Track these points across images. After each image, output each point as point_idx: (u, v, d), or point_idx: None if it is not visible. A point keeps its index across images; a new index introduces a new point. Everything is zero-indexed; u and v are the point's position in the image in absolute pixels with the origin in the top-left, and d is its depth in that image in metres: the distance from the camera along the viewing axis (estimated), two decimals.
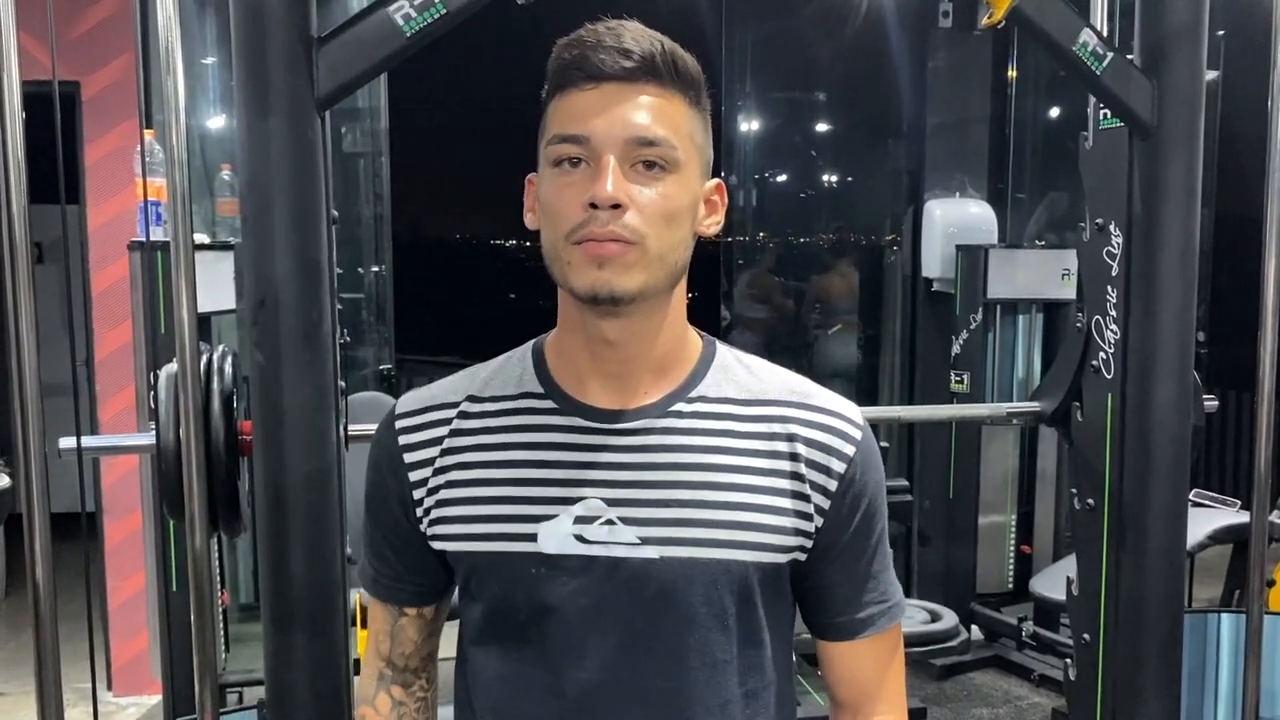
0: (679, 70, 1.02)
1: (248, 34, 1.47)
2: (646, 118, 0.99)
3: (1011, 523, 4.27)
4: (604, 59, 0.99)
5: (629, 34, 1.01)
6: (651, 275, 1.00)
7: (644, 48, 1.00)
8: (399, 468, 1.10)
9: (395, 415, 1.12)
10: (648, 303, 1.03)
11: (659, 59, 1.00)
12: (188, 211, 1.61)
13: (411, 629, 1.16)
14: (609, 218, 0.97)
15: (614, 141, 0.98)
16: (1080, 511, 2.19)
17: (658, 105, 1.00)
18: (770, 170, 5.09)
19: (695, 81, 1.04)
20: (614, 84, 0.99)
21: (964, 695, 3.75)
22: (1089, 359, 2.17)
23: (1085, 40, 1.82)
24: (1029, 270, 4.06)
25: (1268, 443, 2.17)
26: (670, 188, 1.00)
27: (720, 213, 1.08)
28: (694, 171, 1.03)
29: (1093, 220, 2.16)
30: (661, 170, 1.00)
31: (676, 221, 1.01)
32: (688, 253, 1.05)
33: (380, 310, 4.45)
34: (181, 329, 1.60)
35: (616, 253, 0.98)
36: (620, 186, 0.98)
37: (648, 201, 0.99)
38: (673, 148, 1.00)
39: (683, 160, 1.01)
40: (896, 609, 1.14)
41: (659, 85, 1.01)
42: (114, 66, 3.81)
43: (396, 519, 1.11)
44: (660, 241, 1.00)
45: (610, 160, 0.98)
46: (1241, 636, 2.36)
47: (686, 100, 1.03)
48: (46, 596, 1.59)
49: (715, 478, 1.04)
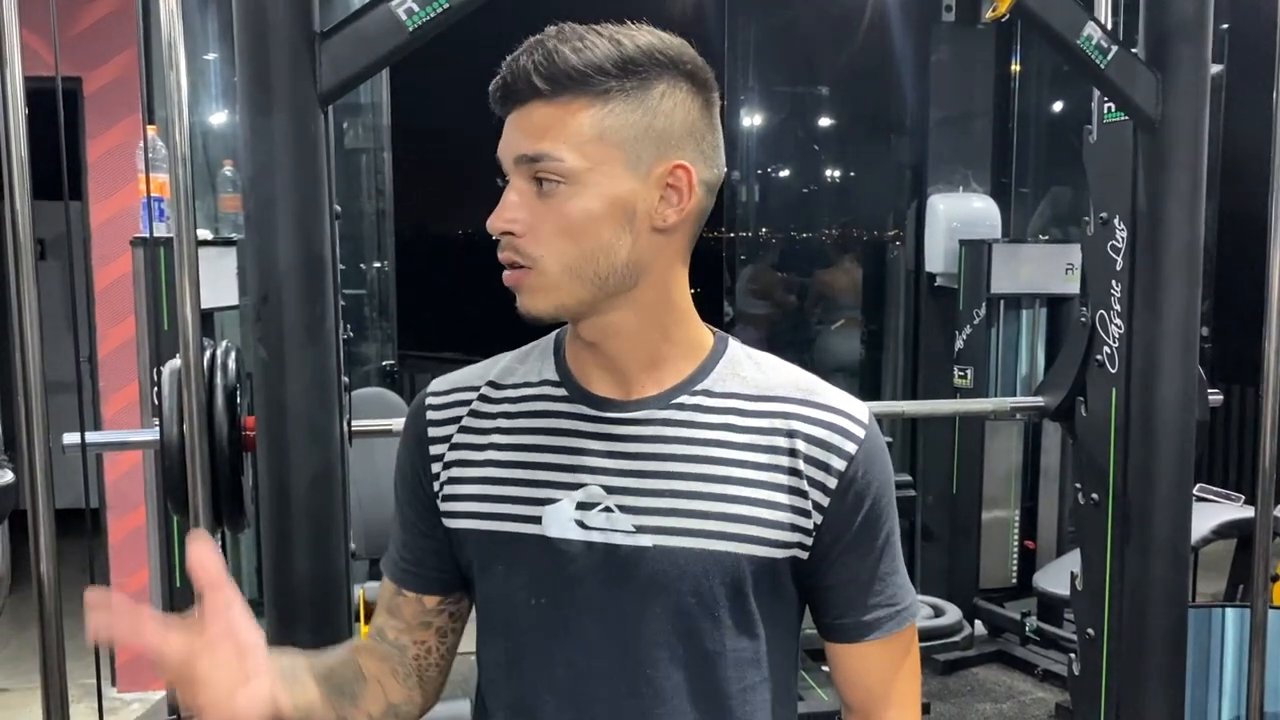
0: (568, 73, 0.97)
1: (250, 29, 1.47)
2: (529, 134, 0.98)
3: (1015, 518, 4.26)
4: (501, 91, 1.01)
5: (521, 58, 0.99)
6: (561, 294, 1.00)
7: (520, 66, 0.98)
8: (423, 444, 1.12)
9: (427, 394, 1.15)
10: (601, 308, 1.02)
11: (536, 76, 0.97)
12: (190, 207, 1.61)
13: (406, 610, 1.16)
14: (506, 243, 1.00)
15: (510, 166, 1.01)
16: (1084, 507, 2.19)
17: (547, 117, 0.98)
18: (773, 165, 5.08)
19: (599, 69, 0.97)
20: (515, 111, 1.00)
21: (967, 690, 3.75)
22: (1093, 354, 2.17)
23: (1089, 34, 1.82)
24: (1032, 265, 4.05)
25: (1272, 437, 2.17)
26: (567, 201, 0.98)
27: (685, 197, 1.01)
28: (611, 171, 0.99)
29: (1097, 214, 2.16)
30: (554, 184, 0.98)
31: (584, 232, 0.99)
32: (631, 253, 1.00)
33: (383, 306, 4.45)
34: (184, 325, 1.60)
35: (517, 279, 1.01)
36: (509, 211, 0.99)
37: (539, 222, 0.99)
38: (558, 159, 0.97)
39: (579, 167, 0.97)
40: (906, 613, 1.11)
41: (545, 99, 0.98)
42: (116, 62, 3.81)
43: (416, 494, 1.13)
44: (561, 258, 0.99)
45: (510, 189, 1.00)
46: (1246, 631, 2.35)
47: (592, 97, 0.98)
48: (51, 593, 1.60)
49: (712, 470, 1.04)
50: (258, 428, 1.54)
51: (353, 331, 3.97)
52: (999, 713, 3.59)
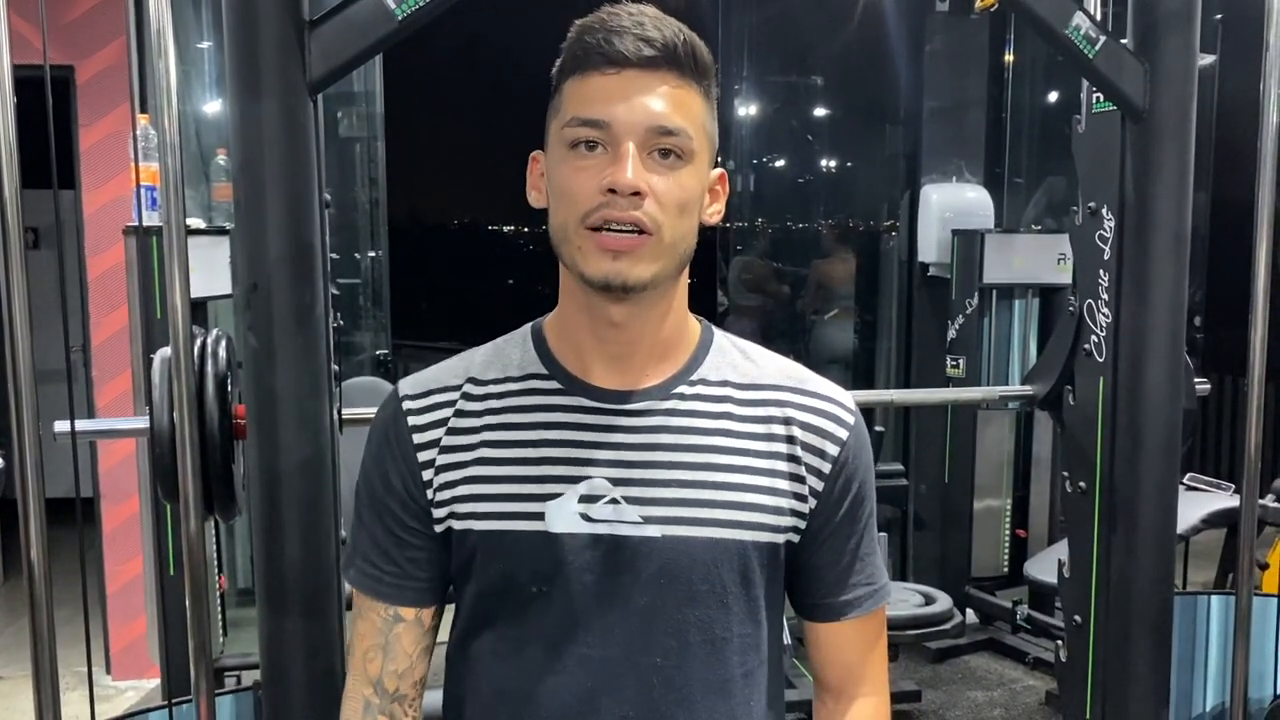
0: (697, 61, 1.03)
1: (239, 18, 1.47)
2: (667, 107, 1.00)
3: (1006, 507, 4.28)
4: (628, 45, 1.00)
5: (651, 21, 1.01)
6: (663, 264, 1.02)
7: (667, 36, 1.01)
8: (408, 447, 1.09)
9: (400, 397, 1.12)
10: (656, 290, 1.04)
11: (680, 49, 1.01)
12: (180, 196, 1.61)
13: (407, 638, 1.11)
14: (628, 204, 0.99)
15: (634, 129, 0.99)
16: (1071, 495, 2.20)
17: (677, 95, 1.01)
18: (767, 155, 5.09)
19: (710, 71, 1.05)
20: (636, 71, 1.00)
21: (958, 678, 3.77)
22: (1081, 343, 2.18)
23: (1078, 23, 1.83)
24: (1025, 255, 4.06)
25: (1258, 427, 2.18)
26: (686, 178, 1.02)
27: (721, 201, 1.10)
28: (705, 161, 1.05)
29: (1085, 204, 2.16)
30: (678, 160, 1.01)
31: (688, 211, 1.03)
32: (695, 241, 1.07)
33: (376, 295, 4.45)
34: (174, 313, 1.60)
35: (634, 245, 1.00)
36: (639, 174, 0.99)
37: (664, 190, 1.00)
38: (689, 138, 1.01)
39: (697, 150, 1.03)
40: (882, 592, 1.16)
41: (679, 75, 1.02)
42: (109, 51, 3.80)
43: (404, 503, 1.09)
44: (673, 230, 1.02)
45: (630, 147, 0.99)
46: (1231, 618, 2.37)
47: (701, 90, 1.04)
48: (41, 582, 1.60)
49: (717, 459, 1.06)
50: (248, 416, 1.55)
51: (346, 321, 3.98)
52: (990, 700, 3.61)
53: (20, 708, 3.70)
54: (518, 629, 1.07)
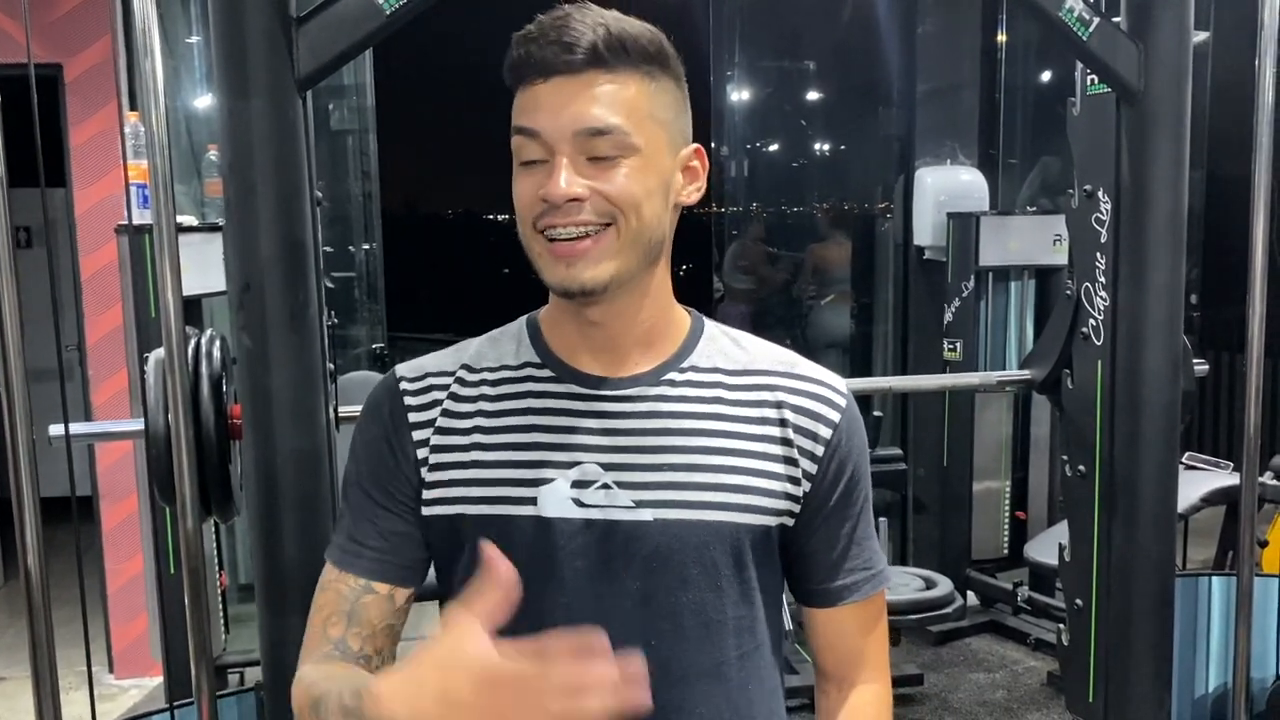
0: (629, 50, 1.00)
1: (226, 14, 1.46)
2: (596, 107, 0.99)
3: (1006, 489, 4.28)
4: (548, 54, 0.99)
5: (574, 24, 0.99)
6: (625, 259, 1.02)
7: (587, 37, 0.99)
8: (403, 425, 1.09)
9: (398, 377, 1.12)
10: (625, 284, 1.04)
11: (602, 46, 0.99)
12: (170, 194, 1.60)
13: (375, 609, 1.08)
14: (567, 210, 0.99)
15: (564, 136, 0.99)
16: (1071, 478, 2.20)
17: (609, 92, 1.00)
18: (760, 140, 5.07)
19: (653, 55, 1.02)
20: (562, 77, 0.99)
21: (960, 661, 3.78)
22: (1079, 326, 2.17)
23: (1071, 5, 1.81)
24: (1021, 237, 4.05)
25: (1257, 405, 2.18)
26: (632, 172, 1.00)
27: (701, 178, 1.08)
28: (659, 148, 1.03)
29: (1081, 187, 2.16)
30: (619, 158, 1.00)
31: (648, 201, 1.02)
32: (666, 228, 1.05)
33: (371, 289, 4.44)
34: (167, 313, 1.59)
35: (583, 250, 1.00)
36: (573, 181, 0.99)
37: (610, 190, 1.00)
38: (626, 134, 1.00)
39: (641, 143, 1.01)
40: (880, 577, 1.15)
41: (608, 71, 1.00)
42: (97, 48, 3.77)
43: (395, 480, 1.09)
44: (632, 223, 1.01)
45: (562, 157, 0.99)
46: (1232, 598, 2.37)
47: (643, 77, 1.02)
48: (38, 584, 1.60)
49: (708, 443, 1.06)
50: (243, 415, 1.54)
51: (341, 315, 3.96)
52: (992, 682, 3.61)
53: (22, 707, 3.70)
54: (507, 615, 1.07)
